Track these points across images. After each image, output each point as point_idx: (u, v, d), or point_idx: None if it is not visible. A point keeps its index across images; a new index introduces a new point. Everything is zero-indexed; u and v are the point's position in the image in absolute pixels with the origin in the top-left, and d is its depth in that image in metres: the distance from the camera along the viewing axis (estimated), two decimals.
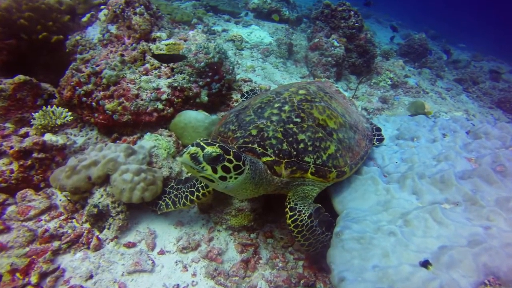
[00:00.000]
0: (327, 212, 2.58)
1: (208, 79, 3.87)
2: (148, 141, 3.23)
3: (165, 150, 3.22)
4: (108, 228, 2.71)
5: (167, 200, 2.87)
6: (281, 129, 2.52)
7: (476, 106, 9.28)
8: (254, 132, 2.52)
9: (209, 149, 2.00)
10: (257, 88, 4.55)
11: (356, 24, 7.93)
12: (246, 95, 4.11)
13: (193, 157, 1.99)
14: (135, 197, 2.68)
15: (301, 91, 2.91)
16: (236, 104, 4.08)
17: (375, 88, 7.91)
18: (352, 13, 8.00)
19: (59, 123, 3.24)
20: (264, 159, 2.41)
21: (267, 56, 7.80)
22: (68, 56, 3.98)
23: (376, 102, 7.00)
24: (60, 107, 3.43)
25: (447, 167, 2.63)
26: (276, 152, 2.42)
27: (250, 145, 2.45)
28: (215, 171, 2.05)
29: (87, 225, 2.70)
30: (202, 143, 2.03)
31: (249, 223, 2.86)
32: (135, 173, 2.72)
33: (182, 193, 2.82)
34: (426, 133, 3.33)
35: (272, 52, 7.92)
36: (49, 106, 3.37)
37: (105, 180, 2.81)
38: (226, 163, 2.07)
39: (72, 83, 3.56)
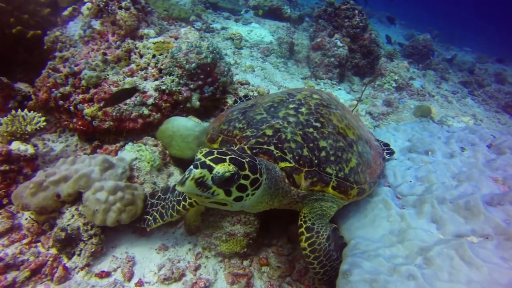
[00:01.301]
0: None
1: (200, 82, 3.50)
2: (129, 152, 2.86)
3: (148, 162, 2.86)
4: (79, 255, 2.35)
5: (155, 213, 2.52)
6: (301, 132, 2.19)
7: (482, 110, 8.94)
8: (269, 132, 2.17)
9: (219, 169, 1.60)
10: (254, 93, 4.19)
11: (360, 24, 7.57)
12: (239, 101, 3.74)
13: (200, 183, 1.59)
14: (110, 219, 2.32)
15: (315, 95, 2.62)
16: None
17: (379, 90, 7.56)
18: (356, 12, 7.64)
19: (29, 130, 2.87)
20: (283, 164, 2.06)
21: (267, 55, 7.44)
22: (48, 54, 3.60)
23: (380, 105, 6.64)
24: (32, 111, 3.05)
25: (471, 190, 2.28)
26: (296, 158, 2.07)
27: (265, 146, 2.08)
28: (228, 193, 1.68)
29: (53, 251, 2.34)
30: (208, 161, 1.62)
31: (241, 249, 2.50)
32: (110, 191, 2.36)
33: (169, 203, 2.47)
34: (442, 146, 2.97)
35: (272, 52, 7.55)
36: (19, 110, 3.00)
37: (77, 197, 2.45)
38: (242, 181, 1.69)
39: (48, 84, 3.18)
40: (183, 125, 3.16)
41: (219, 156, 1.67)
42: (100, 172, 2.49)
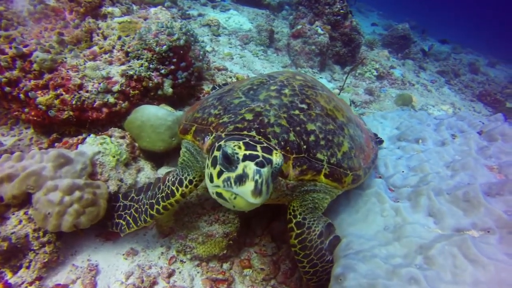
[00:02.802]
0: None
1: (172, 67, 3.15)
2: (91, 145, 2.51)
3: (113, 156, 2.52)
4: (28, 267, 2.00)
5: (128, 217, 2.22)
6: (285, 115, 1.93)
7: (458, 99, 9.08)
8: (249, 116, 1.90)
9: (278, 160, 1.45)
10: (232, 79, 3.89)
11: (341, 11, 7.37)
12: (217, 88, 3.42)
13: (267, 185, 1.39)
14: (66, 224, 1.99)
15: (298, 77, 2.37)
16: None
17: (360, 79, 7.44)
18: None
19: None
20: None
21: (246, 43, 7.11)
22: None
23: (363, 94, 6.51)
24: None
25: (467, 179, 2.12)
26: (282, 143, 1.82)
27: (245, 132, 1.80)
28: (271, 189, 1.49)
29: None
30: (261, 153, 1.43)
31: (220, 251, 2.24)
32: (66, 191, 2.02)
33: (142, 206, 2.17)
34: (432, 134, 2.82)
35: (251, 39, 7.23)
36: None
37: (25, 200, 2.09)
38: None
39: None
40: (154, 114, 2.83)
41: (260, 145, 1.49)
42: (53, 169, 2.13)
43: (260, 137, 1.79)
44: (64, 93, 2.76)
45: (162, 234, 2.43)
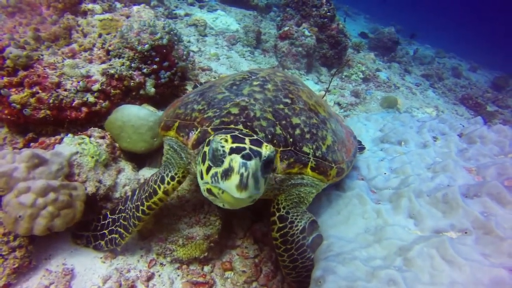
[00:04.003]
0: None
1: (154, 66, 3.09)
2: (68, 145, 2.42)
3: (92, 157, 2.44)
4: None
5: (119, 229, 2.16)
6: (270, 109, 1.93)
7: (442, 102, 9.28)
8: (234, 110, 1.88)
9: (267, 152, 1.39)
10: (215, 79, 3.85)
11: (328, 13, 7.43)
12: (199, 86, 3.39)
13: (256, 179, 1.33)
14: (39, 227, 1.91)
15: (278, 73, 2.38)
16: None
17: (347, 81, 7.51)
18: (324, 1, 7.48)
19: None
20: None
21: (233, 44, 7.08)
22: None
23: (349, 96, 6.57)
24: None
25: (447, 181, 2.14)
26: (269, 137, 1.81)
27: (232, 126, 1.78)
28: (263, 184, 1.44)
29: None
30: (249, 145, 1.38)
31: (201, 254, 2.19)
32: (39, 193, 1.94)
33: (129, 212, 2.12)
34: (414, 136, 2.85)
35: (238, 40, 7.20)
36: None
37: None
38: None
39: None
40: (135, 114, 2.76)
41: (248, 137, 1.45)
42: (26, 170, 2.05)
43: (247, 130, 1.78)
44: (40, 91, 2.66)
45: (142, 237, 2.36)
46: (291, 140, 1.88)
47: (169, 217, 2.21)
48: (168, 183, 1.99)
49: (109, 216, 2.30)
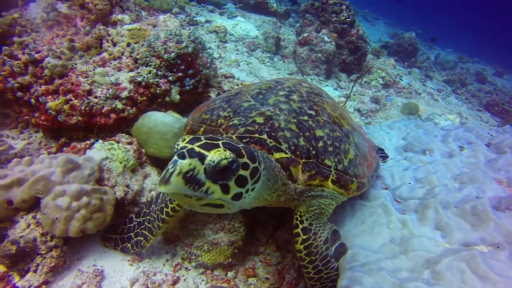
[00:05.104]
0: None
1: (180, 74, 3.18)
2: (98, 151, 2.53)
3: (121, 162, 2.54)
4: (35, 271, 2.01)
5: (144, 231, 2.23)
6: (295, 120, 1.96)
7: (465, 109, 9.01)
8: (259, 119, 1.93)
9: (214, 157, 1.28)
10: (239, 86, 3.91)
11: (347, 19, 7.40)
12: (221, 93, 3.46)
13: (190, 179, 1.26)
14: (73, 229, 2.00)
15: (304, 84, 2.42)
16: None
17: (366, 87, 7.43)
18: (343, 7, 7.46)
19: None
20: (278, 155, 1.81)
21: (253, 50, 7.16)
22: (4, 39, 3.19)
23: (369, 102, 6.50)
24: None
25: (475, 193, 2.10)
26: (293, 148, 1.84)
27: (257, 135, 1.83)
28: (226, 190, 1.37)
29: (0, 268, 2.00)
30: (198, 148, 1.30)
31: (225, 260, 2.23)
32: (74, 196, 2.04)
33: (154, 214, 2.19)
34: (439, 145, 2.80)
35: (258, 46, 7.28)
36: None
37: (34, 204, 2.11)
38: (241, 172, 1.39)
39: (3, 73, 2.79)
40: (161, 120, 2.85)
41: (209, 141, 1.36)
42: (62, 174, 2.16)
43: (271, 140, 1.82)
44: (73, 98, 2.79)
45: (167, 241, 2.43)
46: (313, 152, 1.90)
47: (195, 223, 2.26)
48: None
49: (134, 219, 2.38)
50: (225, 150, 1.32)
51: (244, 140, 1.83)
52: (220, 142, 1.36)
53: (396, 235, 1.95)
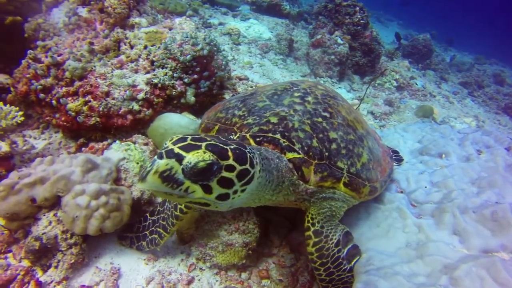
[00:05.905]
0: None
1: (195, 76, 3.24)
2: (116, 151, 2.59)
3: (137, 163, 2.59)
4: (56, 267, 2.08)
5: (159, 229, 2.27)
6: (309, 122, 1.98)
7: (482, 111, 8.80)
8: (274, 119, 1.95)
9: (191, 158, 1.28)
10: (253, 88, 3.94)
11: (361, 21, 7.35)
12: (235, 95, 3.50)
13: (167, 178, 1.27)
14: (92, 228, 2.06)
15: (319, 86, 2.42)
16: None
17: (380, 89, 7.35)
18: (357, 8, 7.42)
19: (4, 125, 2.59)
20: (290, 155, 1.83)
21: (266, 52, 7.19)
22: (29, 43, 3.31)
23: (382, 105, 6.43)
24: (9, 105, 2.77)
25: (495, 198, 2.05)
26: (305, 148, 1.86)
27: (270, 135, 1.87)
28: (208, 190, 1.36)
29: (25, 263, 2.07)
30: (177, 149, 1.30)
31: (240, 261, 2.25)
32: (93, 195, 2.10)
33: (168, 212, 2.22)
34: (456, 149, 2.75)
35: (271, 48, 7.30)
36: None
37: (55, 202, 2.18)
38: (224, 174, 1.38)
39: (28, 76, 2.89)
40: (177, 122, 2.90)
41: (192, 142, 1.35)
42: (81, 174, 2.22)
43: (284, 140, 1.84)
44: (92, 100, 2.87)
45: (182, 241, 2.46)
46: (326, 154, 1.90)
47: (209, 224, 2.29)
48: None
49: (149, 217, 2.41)
50: (205, 152, 1.31)
51: (258, 139, 1.86)
52: (203, 144, 1.35)
53: (412, 239, 1.93)
